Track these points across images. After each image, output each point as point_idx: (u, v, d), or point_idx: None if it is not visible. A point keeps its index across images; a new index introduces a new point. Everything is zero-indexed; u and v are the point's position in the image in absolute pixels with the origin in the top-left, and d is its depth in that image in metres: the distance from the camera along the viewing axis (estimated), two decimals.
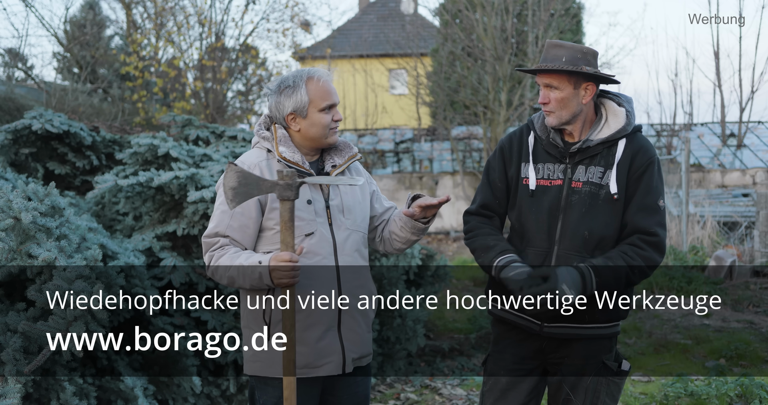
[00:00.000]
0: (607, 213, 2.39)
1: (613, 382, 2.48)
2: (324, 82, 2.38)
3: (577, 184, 2.42)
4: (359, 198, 2.48)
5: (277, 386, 2.32)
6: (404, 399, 4.70)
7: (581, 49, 2.38)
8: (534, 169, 2.47)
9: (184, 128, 5.48)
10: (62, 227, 3.01)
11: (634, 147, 2.42)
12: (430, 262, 5.68)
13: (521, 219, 2.49)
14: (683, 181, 10.74)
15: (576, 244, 2.39)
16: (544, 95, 2.41)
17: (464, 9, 13.91)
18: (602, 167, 2.41)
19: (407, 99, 18.90)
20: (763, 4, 20.75)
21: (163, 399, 3.45)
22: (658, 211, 2.40)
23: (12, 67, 14.54)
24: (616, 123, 2.44)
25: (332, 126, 2.39)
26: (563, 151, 2.45)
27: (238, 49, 15.77)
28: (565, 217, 2.41)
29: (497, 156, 2.58)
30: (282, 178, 2.15)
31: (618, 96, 2.52)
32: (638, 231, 2.38)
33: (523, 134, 2.56)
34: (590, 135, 2.44)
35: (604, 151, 2.43)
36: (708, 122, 18.15)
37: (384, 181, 15.68)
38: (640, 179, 2.40)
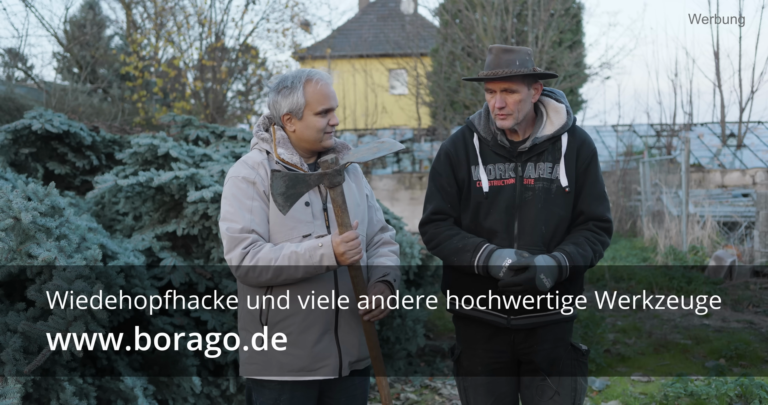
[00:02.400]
0: (560, 205, 2.49)
1: (584, 363, 2.62)
2: (322, 85, 2.35)
3: (529, 181, 2.50)
4: (357, 200, 2.46)
5: (273, 388, 2.31)
6: (404, 399, 4.70)
7: (527, 50, 2.47)
8: (486, 171, 2.53)
9: (184, 128, 5.48)
10: (62, 227, 3.00)
11: (578, 140, 2.53)
12: (430, 262, 5.68)
13: (477, 220, 2.54)
14: (683, 181, 10.74)
15: (535, 238, 2.47)
16: (501, 100, 2.45)
17: (464, 9, 13.91)
18: (550, 162, 2.51)
19: (407, 99, 18.91)
20: (763, 4, 20.74)
21: (163, 399, 3.45)
22: (606, 198, 2.56)
23: (12, 67, 14.55)
24: (558, 119, 2.53)
25: (328, 130, 2.37)
26: (511, 151, 2.52)
27: (238, 49, 15.78)
28: (522, 214, 2.49)
29: (443, 161, 2.61)
30: (328, 166, 2.21)
31: (552, 92, 2.61)
32: (593, 218, 2.52)
33: (467, 137, 2.61)
34: (536, 132, 2.52)
35: (549, 147, 2.52)
36: (708, 122, 18.16)
37: (384, 181, 15.68)
38: (587, 170, 2.53)
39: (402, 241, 5.02)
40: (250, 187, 2.29)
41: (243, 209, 2.27)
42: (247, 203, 2.28)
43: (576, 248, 2.45)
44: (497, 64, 2.45)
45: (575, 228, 2.54)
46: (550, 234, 2.49)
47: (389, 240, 2.59)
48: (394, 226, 5.20)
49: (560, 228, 2.51)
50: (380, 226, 2.60)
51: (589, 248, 2.47)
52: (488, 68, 2.47)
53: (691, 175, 14.85)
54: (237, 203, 2.28)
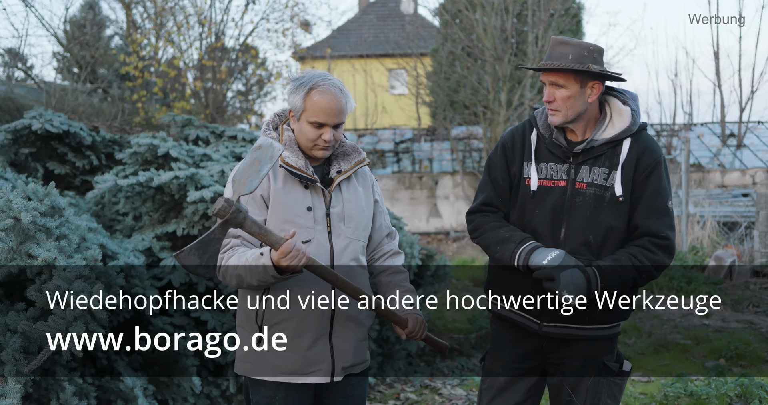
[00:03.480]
0: (612, 215, 2.34)
1: (615, 383, 2.46)
2: (324, 98, 2.26)
3: (581, 186, 2.36)
4: (362, 205, 2.43)
5: (269, 387, 2.31)
6: (404, 399, 4.70)
7: (588, 46, 2.31)
8: (537, 169, 2.41)
9: (184, 128, 5.48)
10: (62, 227, 3.00)
11: (640, 147, 2.37)
12: (430, 262, 5.68)
13: (523, 220, 2.44)
14: (683, 181, 10.73)
15: (581, 246, 2.34)
16: (549, 93, 2.34)
17: (464, 9, 13.90)
18: (607, 168, 2.36)
19: (407, 99, 18.90)
20: (763, 4, 20.76)
21: (163, 399, 3.45)
22: (667, 213, 2.36)
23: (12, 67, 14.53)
24: (621, 122, 2.38)
25: (319, 143, 2.30)
26: (566, 151, 2.40)
27: (238, 49, 15.77)
28: (570, 219, 2.36)
29: (499, 153, 2.51)
30: (223, 214, 2.04)
31: (623, 93, 2.46)
32: (648, 234, 2.34)
33: (526, 131, 2.50)
34: (594, 135, 2.38)
35: (608, 152, 2.37)
36: (708, 122, 18.14)
37: (384, 181, 15.68)
38: (647, 181, 2.35)
39: (402, 241, 5.02)
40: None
41: None
42: None
43: (613, 262, 2.30)
44: (550, 56, 2.33)
45: (630, 243, 2.37)
46: (598, 244, 2.34)
47: (397, 250, 2.59)
48: (394, 225, 5.20)
49: (611, 239, 2.35)
50: (387, 232, 2.58)
51: (630, 264, 2.30)
52: (545, 60, 2.36)
53: (691, 175, 14.85)
54: None
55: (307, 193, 2.32)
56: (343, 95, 2.30)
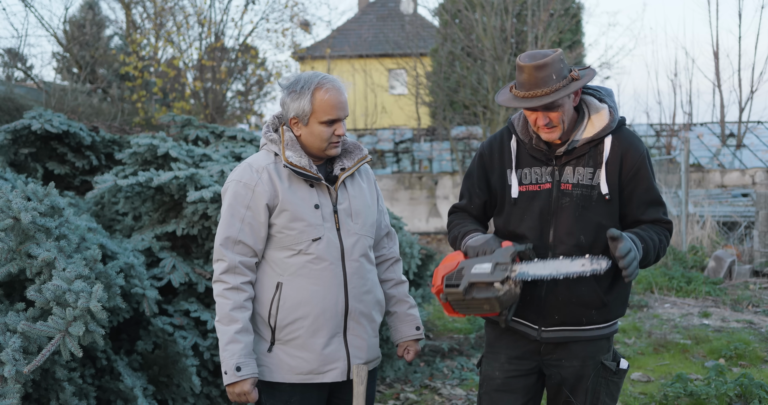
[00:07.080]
0: (601, 214, 2.33)
1: (612, 382, 2.45)
2: (332, 95, 2.28)
3: (566, 186, 2.34)
4: (368, 201, 2.44)
5: (284, 390, 2.30)
6: (404, 399, 4.70)
7: (557, 57, 2.23)
8: (519, 176, 2.40)
9: (184, 128, 5.48)
10: (61, 227, 3.00)
11: (623, 144, 2.34)
12: (430, 262, 5.68)
13: (510, 226, 2.42)
14: (682, 181, 10.74)
15: (571, 248, 2.32)
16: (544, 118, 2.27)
17: (464, 9, 13.90)
18: (591, 167, 2.34)
19: (407, 99, 18.90)
20: (762, 4, 20.77)
21: (162, 399, 3.45)
22: (661, 202, 2.39)
23: (11, 67, 14.53)
24: (599, 121, 2.34)
25: (333, 140, 2.32)
26: (548, 154, 2.37)
27: (238, 49, 15.78)
28: (557, 221, 2.34)
29: (476, 162, 2.51)
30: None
31: (598, 90, 2.43)
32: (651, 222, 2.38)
33: (504, 139, 2.47)
34: (575, 135, 2.35)
35: (590, 151, 2.35)
36: (707, 122, 18.15)
37: (384, 181, 15.68)
38: (636, 178, 2.33)
39: (402, 241, 5.02)
40: (248, 194, 2.28)
41: (235, 217, 2.27)
42: (240, 211, 2.27)
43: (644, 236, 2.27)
44: (534, 84, 2.21)
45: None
46: (589, 244, 2.32)
47: (398, 257, 2.62)
48: (394, 226, 5.20)
49: (601, 238, 2.31)
50: (386, 231, 2.59)
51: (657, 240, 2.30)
52: (523, 89, 2.24)
53: (691, 175, 14.85)
54: (231, 210, 2.29)
55: (313, 191, 2.32)
56: (344, 88, 2.35)
